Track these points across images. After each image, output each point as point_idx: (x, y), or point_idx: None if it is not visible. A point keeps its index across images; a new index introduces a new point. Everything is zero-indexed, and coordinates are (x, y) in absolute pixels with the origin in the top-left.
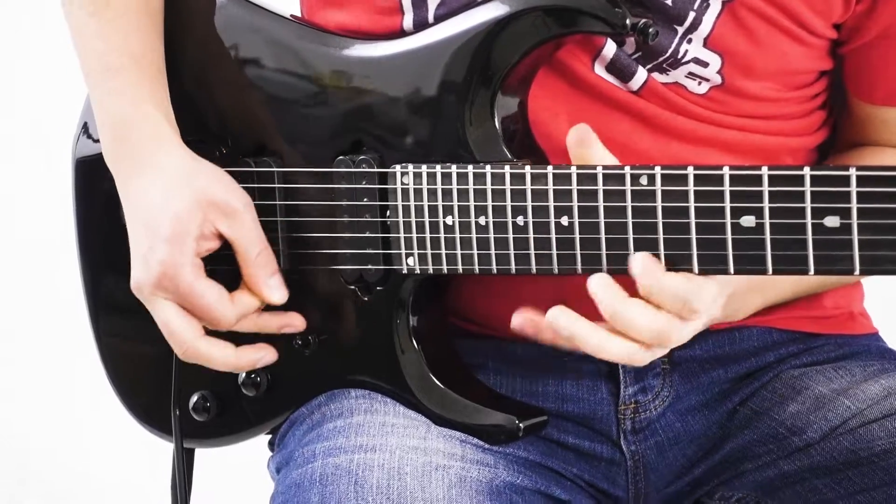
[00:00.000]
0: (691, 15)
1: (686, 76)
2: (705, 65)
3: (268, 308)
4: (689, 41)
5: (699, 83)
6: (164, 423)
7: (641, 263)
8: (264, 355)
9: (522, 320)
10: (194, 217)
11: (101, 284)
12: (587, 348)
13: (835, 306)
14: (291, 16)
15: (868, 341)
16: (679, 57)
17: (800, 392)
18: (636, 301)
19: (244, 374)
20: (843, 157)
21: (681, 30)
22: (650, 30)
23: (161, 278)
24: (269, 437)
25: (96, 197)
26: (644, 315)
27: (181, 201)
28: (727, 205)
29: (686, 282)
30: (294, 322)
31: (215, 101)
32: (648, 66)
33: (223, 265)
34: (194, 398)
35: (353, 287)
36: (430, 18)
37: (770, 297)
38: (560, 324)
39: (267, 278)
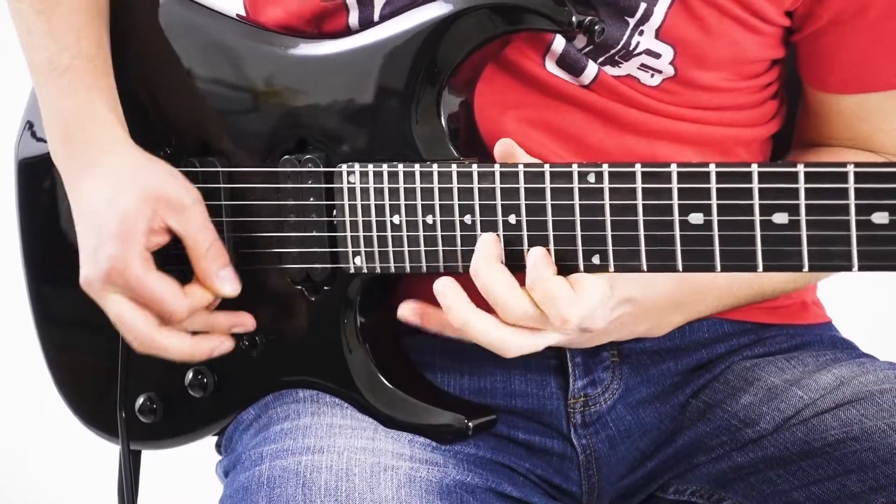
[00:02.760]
0: (642, 6)
1: (638, 68)
2: (657, 56)
3: (219, 308)
4: (641, 33)
5: (652, 75)
6: (110, 426)
7: (533, 259)
8: (220, 343)
9: (408, 310)
10: (142, 213)
11: (46, 287)
12: (455, 322)
13: (787, 296)
14: (237, 15)
15: (821, 331)
16: (631, 49)
17: (752, 383)
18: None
19: (191, 375)
20: (798, 156)
21: (632, 21)
22: (596, 27)
23: (110, 273)
24: (216, 439)
25: (40, 199)
26: (516, 297)
27: (129, 197)
28: (675, 202)
29: (566, 288)
30: (245, 321)
31: (159, 100)
32: (600, 60)
33: (176, 264)
34: (140, 400)
35: (300, 287)
36: (376, 17)
37: (692, 313)
38: (443, 291)
39: (218, 270)
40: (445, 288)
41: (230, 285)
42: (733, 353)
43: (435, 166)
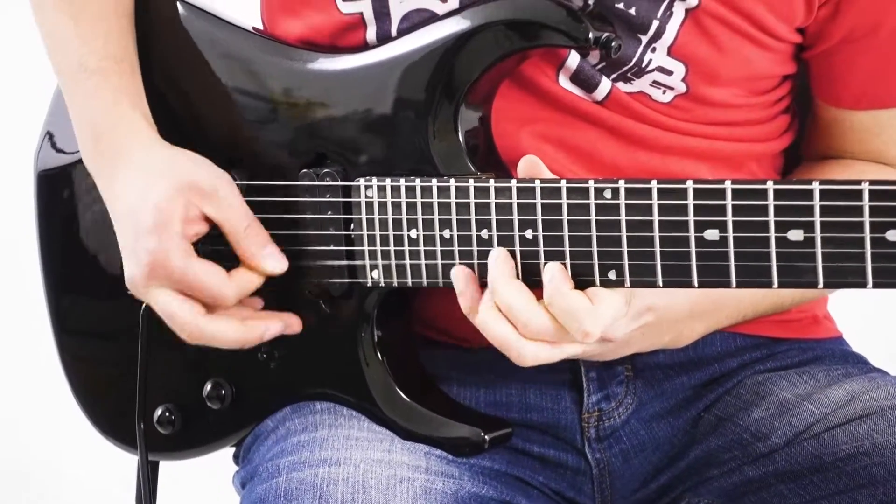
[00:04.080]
0: (655, 24)
1: (651, 85)
2: (669, 73)
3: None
4: (654, 50)
5: (664, 92)
6: (128, 436)
7: (550, 274)
8: (271, 325)
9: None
10: (176, 203)
11: (65, 298)
12: (475, 322)
13: (799, 310)
14: (254, 28)
15: (832, 345)
16: (643, 66)
17: (764, 398)
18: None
19: (209, 387)
20: (811, 169)
21: (644, 39)
22: (613, 43)
23: (152, 267)
24: (234, 450)
25: (60, 210)
26: (535, 312)
27: (161, 190)
28: (691, 218)
29: (585, 302)
30: (292, 323)
31: (177, 114)
32: (613, 76)
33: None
34: (159, 411)
35: (317, 300)
36: (394, 32)
37: (713, 323)
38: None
39: (261, 249)
40: (464, 285)
41: (275, 262)
42: (745, 367)
43: (452, 181)
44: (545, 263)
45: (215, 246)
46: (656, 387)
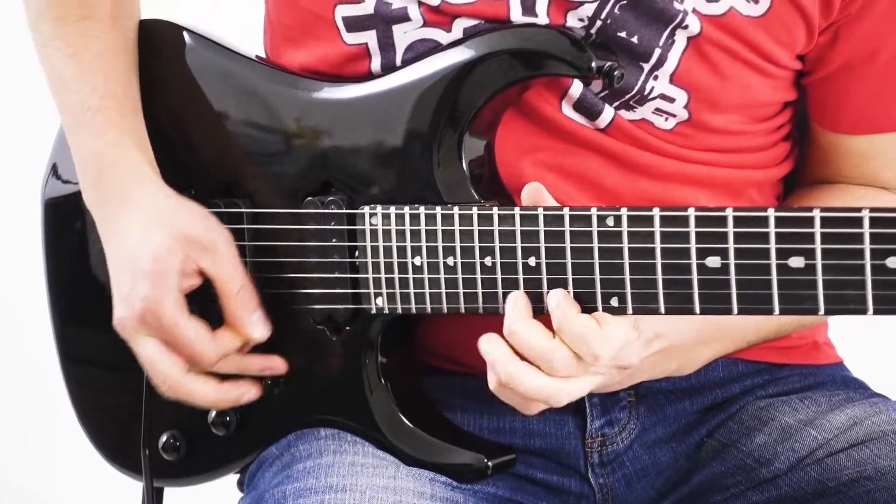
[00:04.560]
0: (657, 52)
1: (653, 112)
2: (672, 100)
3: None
4: (656, 78)
5: (666, 119)
6: (133, 463)
7: (556, 300)
8: (247, 391)
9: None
10: (175, 253)
11: (71, 326)
12: (503, 377)
13: (799, 336)
14: (257, 57)
15: (833, 371)
16: (646, 94)
17: (766, 423)
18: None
19: (214, 414)
20: (808, 194)
21: (647, 67)
22: (615, 72)
23: (144, 314)
24: (238, 476)
25: (67, 239)
26: (556, 348)
27: (161, 238)
28: (693, 245)
29: (594, 326)
30: (275, 364)
31: (184, 142)
32: (616, 104)
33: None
34: (164, 437)
35: (321, 327)
36: (398, 63)
37: (719, 349)
38: (488, 349)
39: (249, 315)
40: (490, 345)
41: (261, 329)
42: (747, 392)
43: (456, 209)
44: (548, 291)
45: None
46: (659, 412)
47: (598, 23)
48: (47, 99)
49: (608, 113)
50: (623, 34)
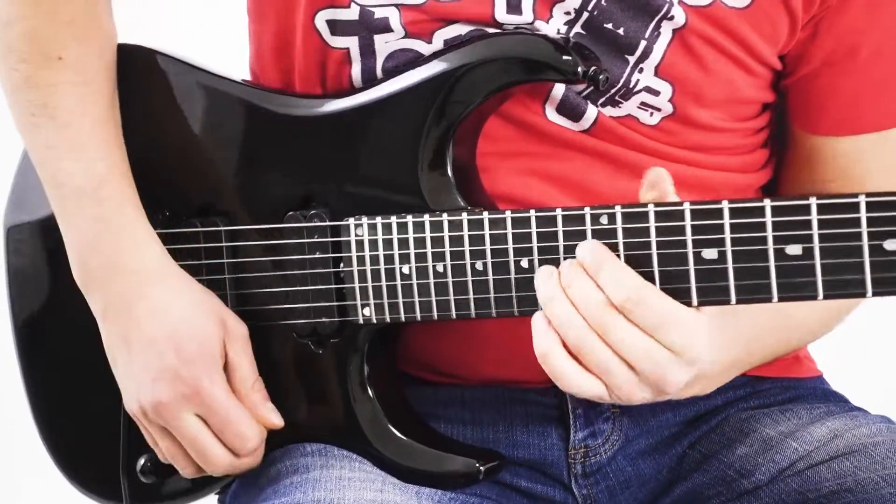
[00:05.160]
0: (643, 44)
1: (638, 107)
2: (657, 93)
3: None
4: (641, 70)
5: (651, 114)
6: (109, 489)
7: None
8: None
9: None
10: (218, 336)
11: (37, 356)
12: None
13: None
14: (243, 80)
15: (813, 384)
16: (631, 87)
17: (748, 435)
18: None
19: None
20: None
21: (632, 59)
22: (600, 76)
23: (194, 395)
24: (218, 495)
25: (30, 270)
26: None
27: (205, 320)
28: (689, 238)
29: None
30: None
31: (161, 162)
32: (601, 101)
33: None
34: (142, 461)
35: (305, 341)
36: (379, 70)
37: (739, 372)
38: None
39: (264, 402)
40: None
41: (277, 417)
42: (729, 405)
43: (444, 215)
44: None
45: None
46: (642, 424)
47: (585, 14)
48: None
49: (591, 113)
50: (610, 25)
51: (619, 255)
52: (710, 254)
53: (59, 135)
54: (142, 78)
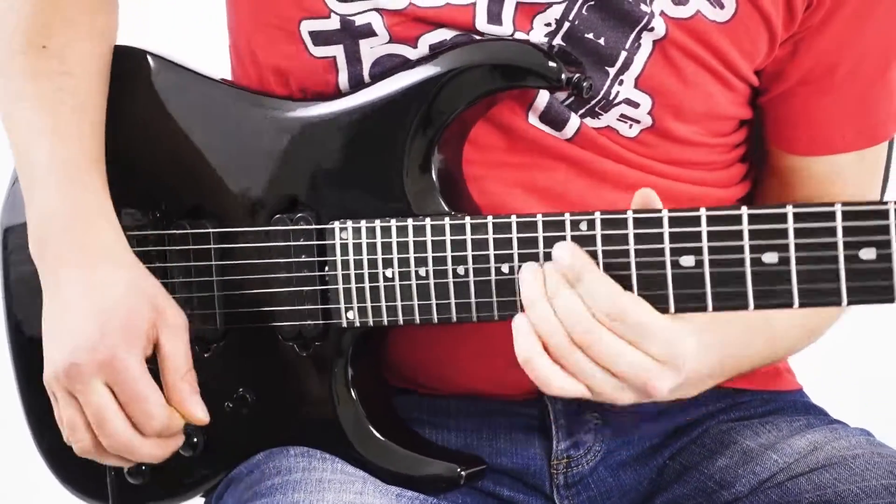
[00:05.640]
0: (623, 55)
1: (618, 119)
2: (636, 105)
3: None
4: (621, 83)
5: (630, 126)
6: (96, 489)
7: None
8: (180, 442)
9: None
10: (147, 319)
11: (29, 353)
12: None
13: None
14: (223, 79)
15: (794, 397)
16: (611, 98)
17: (728, 446)
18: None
19: None
20: None
21: (612, 71)
22: (584, 83)
23: (109, 363)
24: (204, 499)
25: (24, 267)
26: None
27: (140, 301)
28: (667, 246)
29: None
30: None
31: (149, 164)
32: (581, 112)
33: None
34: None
35: (290, 343)
36: (366, 76)
37: (720, 380)
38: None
39: (189, 397)
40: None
41: (201, 412)
42: (710, 417)
43: (428, 220)
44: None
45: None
46: (624, 435)
47: (566, 24)
48: None
49: (574, 122)
50: (590, 35)
51: (598, 262)
52: (687, 261)
53: (37, 118)
54: (133, 79)
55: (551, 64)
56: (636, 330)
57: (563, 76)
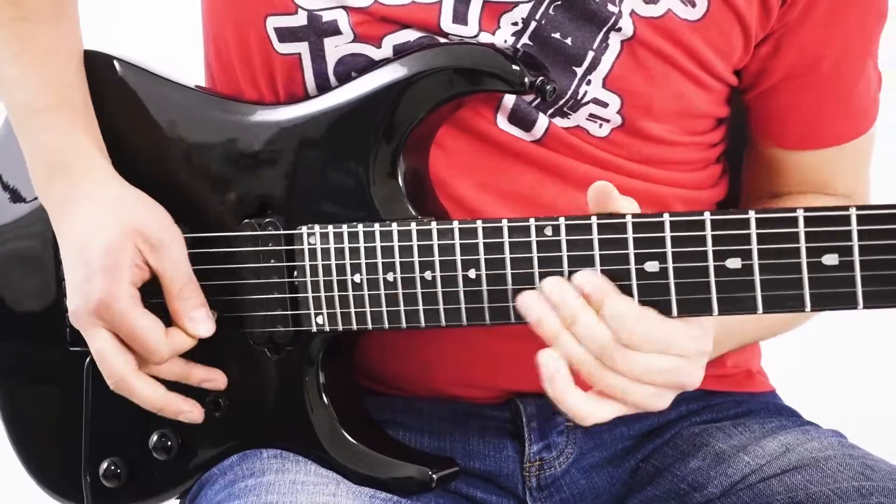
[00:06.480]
0: (590, 55)
1: (587, 118)
2: (605, 105)
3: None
4: (589, 82)
5: (600, 125)
6: (72, 491)
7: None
8: (190, 410)
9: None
10: (125, 247)
11: (4, 350)
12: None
13: (734, 365)
14: (197, 86)
15: (766, 399)
16: (579, 98)
17: (700, 448)
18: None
19: (155, 438)
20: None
21: (580, 71)
22: (548, 87)
23: (98, 307)
24: (179, 500)
25: (2, 273)
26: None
27: (112, 231)
28: (631, 251)
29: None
30: (216, 378)
31: (120, 168)
32: (550, 112)
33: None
34: (104, 464)
35: (262, 348)
36: (330, 74)
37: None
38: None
39: (190, 311)
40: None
41: (203, 325)
42: (682, 418)
43: (394, 225)
44: (488, 304)
45: (159, 299)
46: (596, 437)
47: (533, 24)
48: None
49: (542, 122)
50: (557, 35)
51: (562, 268)
52: (652, 266)
53: (9, 68)
54: (100, 84)
55: (514, 68)
56: (661, 341)
57: (525, 80)
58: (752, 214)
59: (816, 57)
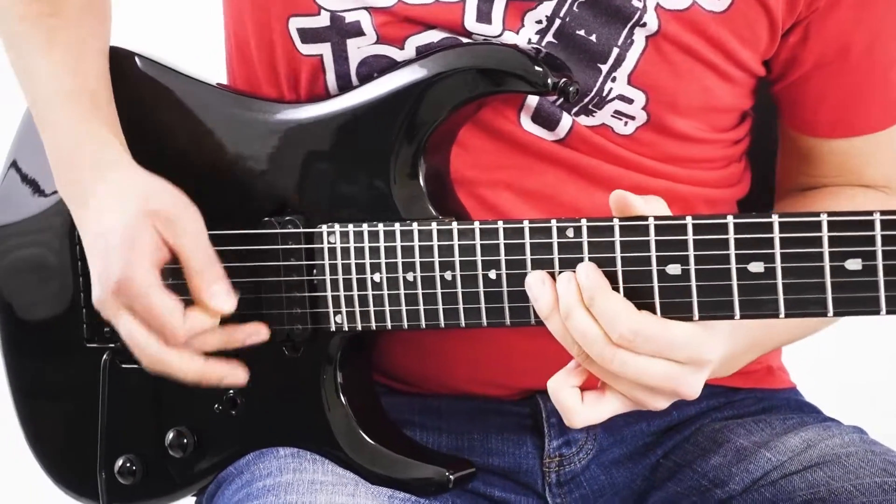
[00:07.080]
0: (615, 51)
1: (612, 115)
2: (630, 101)
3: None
4: (614, 79)
5: (625, 123)
6: (88, 489)
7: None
8: (231, 372)
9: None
10: (143, 227)
11: (21, 352)
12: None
13: (755, 361)
14: (218, 84)
15: (787, 395)
16: (604, 95)
17: (721, 445)
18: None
19: (171, 435)
20: (795, 203)
21: (605, 68)
22: (570, 88)
23: (118, 288)
24: (195, 498)
25: (16, 269)
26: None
27: (130, 213)
28: (653, 254)
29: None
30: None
31: (141, 165)
32: (574, 110)
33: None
34: (120, 461)
35: (280, 346)
36: (353, 76)
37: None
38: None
39: (210, 285)
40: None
41: (223, 300)
42: (703, 415)
43: (415, 225)
44: (508, 305)
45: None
46: (616, 433)
47: (557, 21)
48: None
49: (566, 121)
50: (582, 32)
51: None
52: (674, 269)
53: (34, 62)
54: (122, 80)
55: (537, 69)
56: (657, 344)
57: (548, 81)
58: (775, 218)
59: (847, 43)
